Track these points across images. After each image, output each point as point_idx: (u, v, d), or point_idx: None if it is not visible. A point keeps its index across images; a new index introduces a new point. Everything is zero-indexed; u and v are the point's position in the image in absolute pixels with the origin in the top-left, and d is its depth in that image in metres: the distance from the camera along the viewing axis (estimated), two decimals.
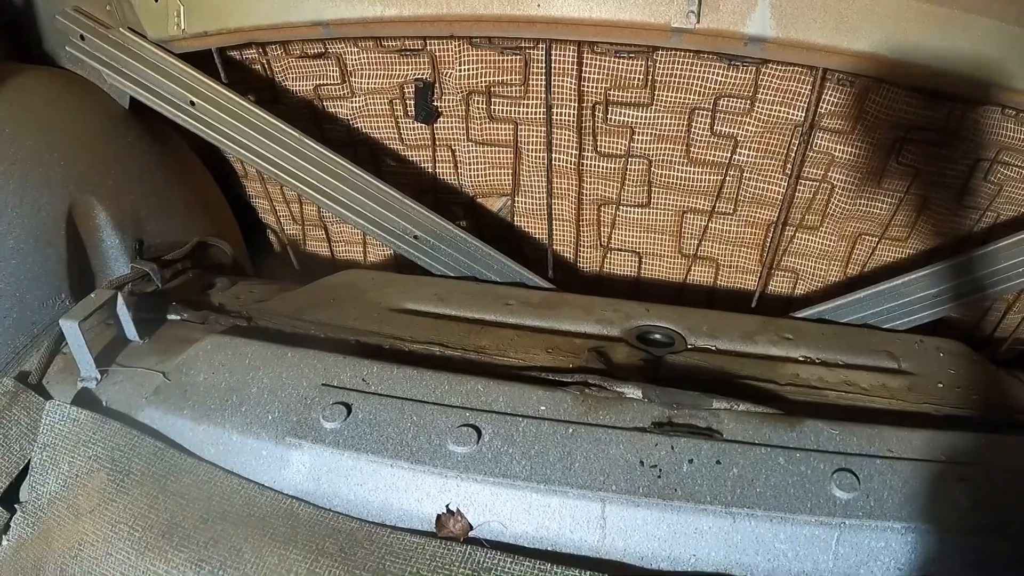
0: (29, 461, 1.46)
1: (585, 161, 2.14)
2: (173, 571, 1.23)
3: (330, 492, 1.34)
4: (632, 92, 2.00)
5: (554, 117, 2.03)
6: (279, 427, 1.39)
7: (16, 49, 2.14)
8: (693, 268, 2.31)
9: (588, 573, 1.19)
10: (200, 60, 2.01)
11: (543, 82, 1.97)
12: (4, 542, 1.40)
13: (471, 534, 1.28)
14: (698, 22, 1.69)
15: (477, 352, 1.64)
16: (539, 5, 1.74)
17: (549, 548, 1.27)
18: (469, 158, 2.21)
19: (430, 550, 1.22)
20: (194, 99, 1.99)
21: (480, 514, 1.29)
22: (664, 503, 1.27)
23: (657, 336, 1.73)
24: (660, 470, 1.30)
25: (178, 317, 1.76)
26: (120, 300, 1.62)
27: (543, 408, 1.41)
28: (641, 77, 1.95)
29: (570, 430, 1.36)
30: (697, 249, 2.26)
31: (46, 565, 1.32)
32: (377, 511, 1.32)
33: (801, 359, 1.68)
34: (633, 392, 1.46)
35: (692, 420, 1.40)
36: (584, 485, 1.28)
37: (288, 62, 2.14)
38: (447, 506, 1.30)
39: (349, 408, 1.40)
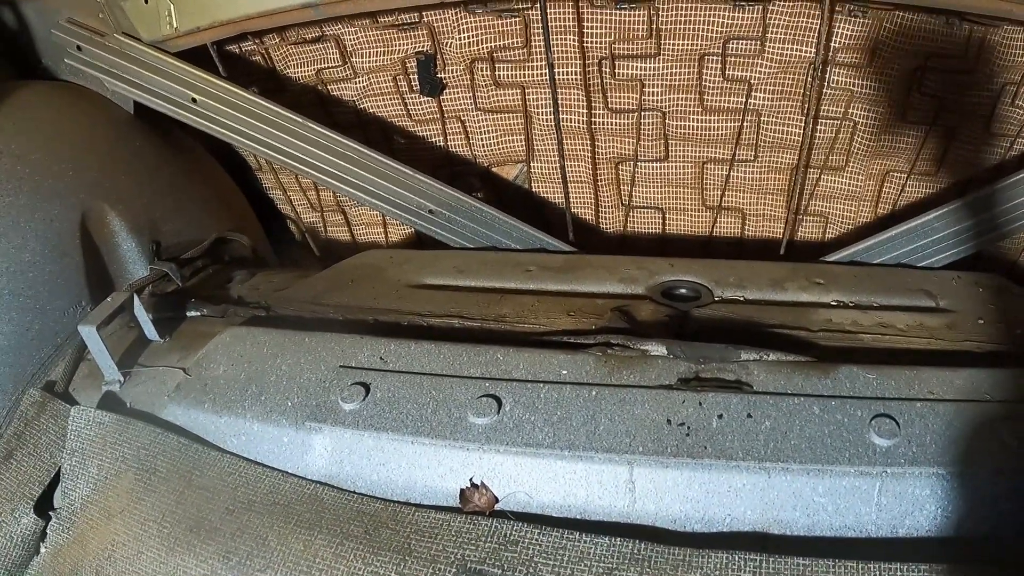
0: (60, 468, 1.47)
1: (597, 119, 2.09)
2: (202, 565, 1.23)
3: (353, 474, 1.32)
4: (637, 43, 1.94)
5: (560, 76, 1.98)
6: (299, 412, 1.38)
7: (17, 68, 2.15)
8: (719, 220, 2.25)
9: (619, 540, 1.15)
10: (199, 57, 2.00)
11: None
12: (42, 549, 1.41)
13: (497, 507, 1.25)
14: None
15: (497, 321, 1.61)
16: None
17: (577, 516, 1.24)
18: (479, 127, 2.18)
19: (455, 526, 1.20)
20: (195, 96, 1.98)
21: (505, 486, 1.26)
22: (694, 462, 1.21)
23: (683, 291, 1.67)
24: (688, 428, 1.26)
25: (198, 313, 1.75)
26: (137, 301, 1.63)
27: (564, 372, 1.37)
28: (645, 27, 1.89)
29: (593, 393, 1.32)
30: (721, 200, 2.20)
31: (83, 569, 1.32)
32: (401, 490, 1.30)
33: (834, 303, 1.61)
34: (657, 349, 1.41)
35: (720, 374, 1.35)
36: (610, 448, 1.24)
37: (287, 49, 2.12)
38: (471, 480, 1.27)
39: (368, 388, 1.38)
